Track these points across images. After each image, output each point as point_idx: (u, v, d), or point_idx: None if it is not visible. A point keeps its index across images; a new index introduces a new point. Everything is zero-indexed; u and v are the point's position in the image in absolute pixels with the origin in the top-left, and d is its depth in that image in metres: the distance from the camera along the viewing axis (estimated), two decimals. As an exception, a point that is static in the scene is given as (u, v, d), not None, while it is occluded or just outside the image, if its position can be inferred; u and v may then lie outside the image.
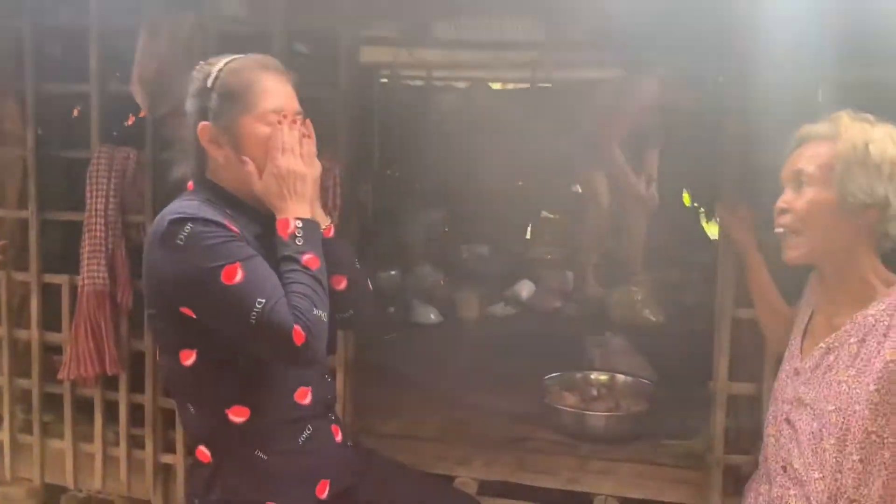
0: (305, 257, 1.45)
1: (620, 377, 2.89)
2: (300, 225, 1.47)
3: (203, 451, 1.52)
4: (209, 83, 1.48)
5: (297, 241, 1.46)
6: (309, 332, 1.36)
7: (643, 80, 4.49)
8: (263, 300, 1.33)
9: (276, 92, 1.50)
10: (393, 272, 4.80)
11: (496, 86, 6.36)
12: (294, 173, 1.48)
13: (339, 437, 1.64)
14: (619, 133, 4.46)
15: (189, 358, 1.45)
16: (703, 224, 6.01)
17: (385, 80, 6.19)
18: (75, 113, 3.40)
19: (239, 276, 1.34)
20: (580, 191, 5.05)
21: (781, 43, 2.12)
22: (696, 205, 6.00)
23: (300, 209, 1.49)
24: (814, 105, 2.08)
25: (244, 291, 1.34)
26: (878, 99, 1.71)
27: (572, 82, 6.32)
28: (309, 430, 1.56)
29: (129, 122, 3.74)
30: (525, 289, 4.70)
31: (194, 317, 1.42)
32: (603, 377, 2.91)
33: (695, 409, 2.82)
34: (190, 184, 1.57)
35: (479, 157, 6.10)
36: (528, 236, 6.29)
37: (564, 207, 6.20)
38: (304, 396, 1.55)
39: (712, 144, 5.28)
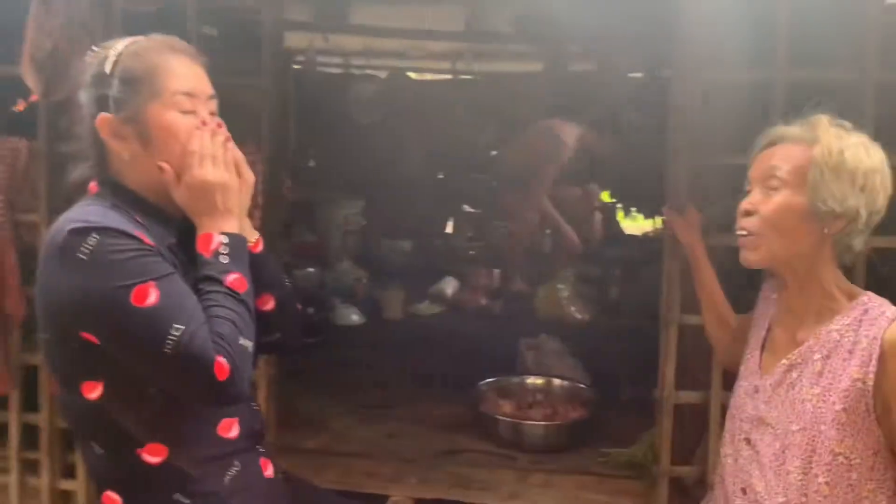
0: (230, 278, 1.26)
1: (557, 382, 2.80)
2: (225, 241, 1.28)
3: (112, 497, 1.32)
4: (107, 68, 1.29)
5: (220, 259, 1.27)
6: (234, 364, 1.19)
7: (562, 133, 4.48)
8: (181, 327, 1.16)
9: (186, 74, 1.32)
10: (310, 269, 4.57)
11: (416, 76, 6.19)
12: (215, 185, 1.29)
13: (268, 472, 1.46)
14: (548, 184, 4.46)
15: (94, 390, 1.24)
16: (620, 219, 6.05)
17: (299, 67, 5.91)
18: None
19: (152, 298, 1.16)
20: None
21: (729, 39, 2.06)
22: (614, 200, 6.02)
23: (225, 223, 1.30)
24: (763, 105, 2.02)
25: (158, 316, 1.16)
26: (824, 101, 1.65)
27: (494, 74, 6.24)
28: (236, 466, 1.37)
29: (19, 108, 3.39)
30: (450, 286, 4.56)
31: (98, 343, 1.21)
32: (539, 382, 2.81)
33: (631, 414, 2.77)
34: (92, 185, 1.35)
35: (399, 148, 5.95)
36: (449, 230, 6.16)
37: (486, 201, 6.12)
38: (230, 429, 1.37)
39: (630, 141, 5.42)
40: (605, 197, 6.00)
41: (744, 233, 1.46)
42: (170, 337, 1.15)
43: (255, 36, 2.44)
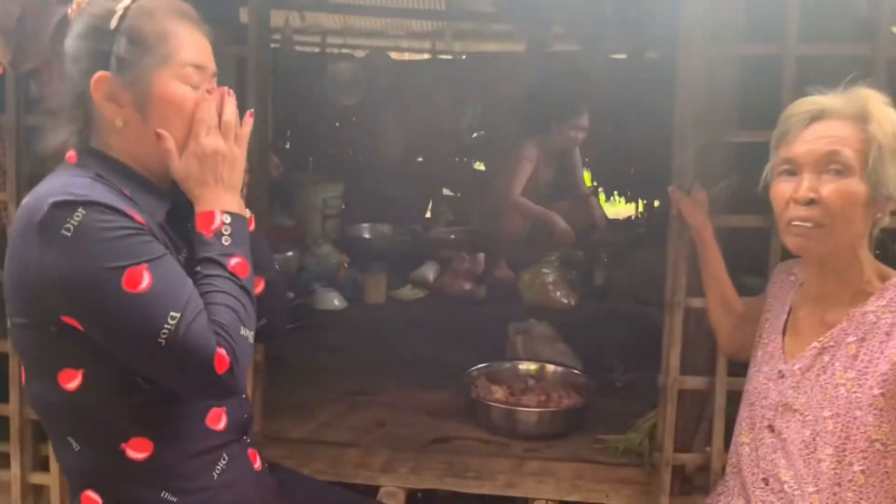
0: (233, 261, 1.16)
1: (550, 367, 2.73)
2: (227, 220, 1.18)
3: (91, 497, 1.20)
4: (113, 23, 1.15)
5: (223, 241, 1.16)
6: (234, 356, 1.09)
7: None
8: (178, 314, 1.06)
9: (196, 45, 1.21)
10: (290, 253, 4.45)
11: (395, 55, 6.06)
12: (224, 156, 1.19)
13: (257, 464, 1.37)
14: (521, 184, 4.35)
15: (72, 380, 1.13)
16: (603, 203, 5.99)
17: (276, 46, 5.74)
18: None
19: (145, 282, 1.05)
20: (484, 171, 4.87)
21: (735, 12, 1.98)
22: (595, 184, 5.97)
23: (228, 200, 1.20)
24: (770, 80, 1.95)
25: (152, 302, 1.06)
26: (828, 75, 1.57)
27: (476, 54, 6.13)
28: (224, 459, 1.27)
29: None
30: (431, 270, 4.47)
31: (81, 329, 1.09)
32: (531, 367, 2.74)
33: (624, 399, 2.72)
34: (70, 153, 1.21)
35: (378, 130, 5.83)
36: (428, 215, 6.06)
37: (466, 184, 6.03)
38: (218, 420, 1.26)
39: (614, 124, 5.35)
40: (587, 180, 5.95)
41: (807, 224, 1.33)
42: (166, 326, 1.05)
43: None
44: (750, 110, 2.09)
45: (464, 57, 6.03)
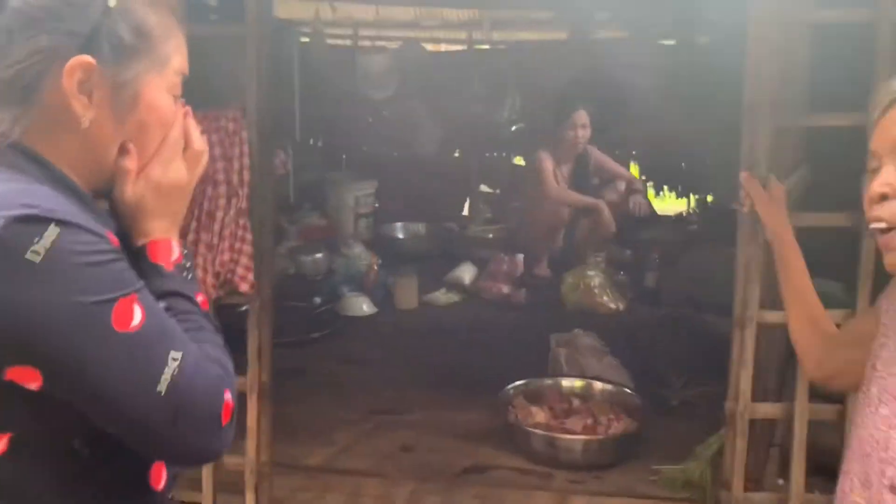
0: (199, 298, 0.96)
1: (597, 385, 2.44)
2: (185, 251, 0.97)
3: None
4: (111, 2, 0.90)
5: (185, 275, 0.94)
6: (234, 402, 0.89)
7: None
8: (179, 354, 0.84)
9: (183, 51, 0.99)
10: (318, 255, 4.23)
11: (430, 47, 5.79)
12: (183, 189, 0.96)
13: None
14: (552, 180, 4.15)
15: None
16: (652, 199, 5.65)
17: (306, 40, 5.53)
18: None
19: (137, 318, 0.82)
20: (526, 172, 4.60)
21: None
22: (643, 178, 5.62)
23: (176, 231, 0.97)
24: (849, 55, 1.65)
25: (149, 342, 0.83)
26: None
27: (514, 44, 5.83)
28: None
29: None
30: (467, 273, 4.20)
31: (32, 386, 0.83)
32: (576, 385, 2.45)
33: (682, 422, 2.43)
34: None
35: (412, 124, 5.58)
36: (465, 213, 5.79)
37: (505, 180, 5.75)
38: (160, 477, 1.00)
39: (663, 114, 5.02)
40: (634, 173, 5.61)
41: (881, 225, 1.04)
42: (166, 369, 0.83)
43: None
44: (823, 90, 1.79)
45: (502, 47, 5.73)
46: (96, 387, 0.83)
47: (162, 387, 0.82)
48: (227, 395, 0.87)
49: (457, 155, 5.84)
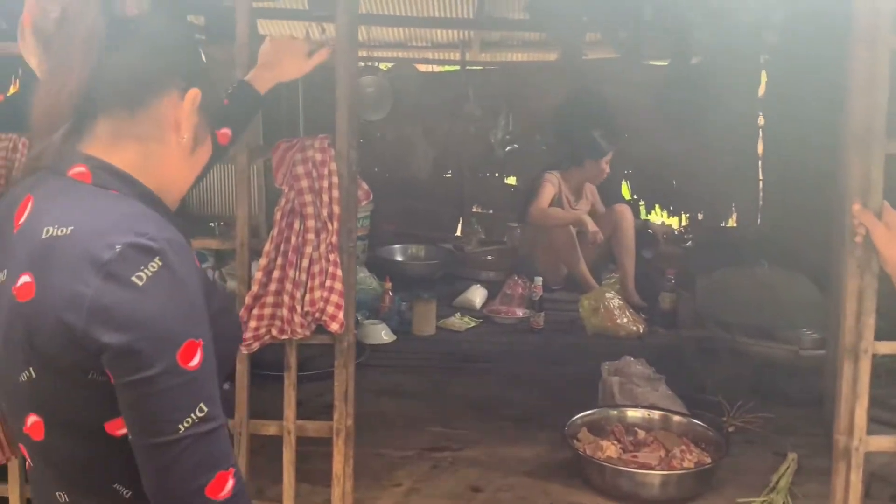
0: None
1: (666, 415, 2.38)
2: None
3: None
4: (202, 55, 1.10)
5: None
6: (240, 489, 0.94)
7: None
8: (206, 410, 0.91)
9: None
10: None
11: (422, 67, 5.73)
12: None
13: None
14: (546, 202, 4.16)
15: (121, 427, 0.95)
16: (643, 216, 5.68)
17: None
18: None
19: (196, 360, 0.91)
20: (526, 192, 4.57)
21: None
22: (635, 197, 5.66)
23: None
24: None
25: (191, 386, 0.91)
26: None
27: (506, 64, 5.81)
28: None
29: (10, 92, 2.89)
30: (478, 295, 4.14)
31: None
32: (639, 414, 2.39)
33: (741, 445, 2.40)
34: (80, 169, 0.97)
35: (405, 145, 5.51)
36: (458, 233, 5.73)
37: (497, 200, 5.71)
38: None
39: (653, 133, 5.06)
40: (625, 192, 5.63)
41: None
42: (189, 417, 0.90)
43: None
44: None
45: (493, 67, 5.71)
46: (138, 400, 0.90)
47: (182, 427, 0.89)
48: (232, 472, 0.92)
49: (449, 175, 5.77)
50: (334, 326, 1.69)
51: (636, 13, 4.74)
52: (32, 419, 0.99)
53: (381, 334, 3.54)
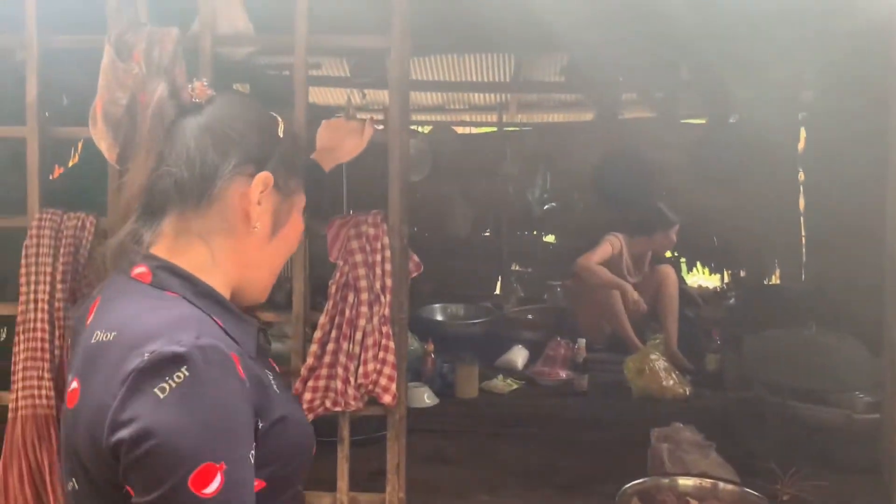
0: None
1: (718, 484, 2.33)
2: None
3: None
4: (280, 131, 1.06)
5: None
6: None
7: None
8: None
9: None
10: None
11: (459, 129, 5.85)
12: None
13: None
14: (599, 258, 4.16)
15: None
16: (684, 275, 5.64)
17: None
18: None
19: (214, 486, 0.84)
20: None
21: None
22: (676, 254, 5.63)
23: None
24: None
25: None
26: None
27: (542, 125, 5.91)
28: None
29: (54, 176, 3.01)
30: (520, 357, 4.13)
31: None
32: (690, 483, 2.35)
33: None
34: (141, 269, 0.96)
35: (444, 205, 5.59)
36: (498, 292, 5.74)
37: (537, 259, 5.74)
38: None
39: (693, 191, 5.06)
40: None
41: None
42: None
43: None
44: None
45: (529, 128, 5.80)
46: None
47: None
48: None
49: (487, 234, 5.82)
50: (387, 399, 1.71)
51: (672, 72, 4.82)
52: None
53: (424, 397, 3.54)
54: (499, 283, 5.81)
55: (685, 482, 2.34)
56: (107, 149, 1.73)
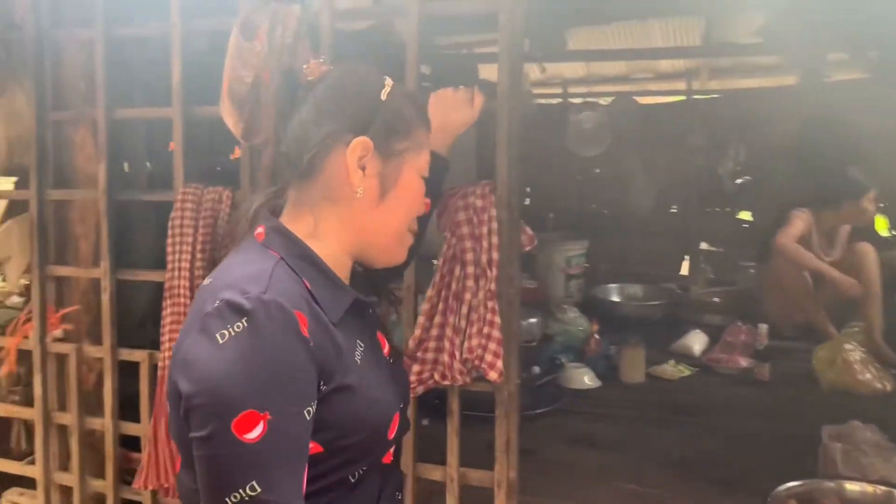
0: None
1: (893, 492, 2.02)
2: None
3: None
4: (384, 95, 1.06)
5: None
6: None
7: None
8: (259, 489, 0.87)
9: (429, 141, 1.13)
10: (533, 320, 4.06)
11: (643, 100, 5.55)
12: None
13: None
14: (796, 234, 3.71)
15: None
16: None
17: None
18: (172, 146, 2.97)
19: (255, 433, 0.87)
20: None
21: None
22: (894, 232, 4.96)
23: None
24: None
25: (246, 459, 0.87)
26: None
27: (736, 92, 5.45)
28: None
29: (235, 156, 3.23)
30: (697, 342, 3.85)
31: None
32: (858, 488, 2.05)
33: None
34: (260, 230, 1.04)
35: (625, 180, 5.35)
36: (684, 272, 5.41)
37: (729, 237, 5.32)
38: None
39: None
40: (881, 227, 4.95)
41: None
42: (235, 494, 0.87)
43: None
44: None
45: (718, 96, 5.37)
46: (196, 460, 0.90)
47: (228, 501, 0.86)
48: None
49: (674, 210, 5.50)
50: (493, 375, 1.66)
51: (888, 28, 4.22)
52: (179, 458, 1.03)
53: (584, 379, 3.42)
54: (685, 264, 5.47)
55: (852, 487, 2.05)
56: (233, 125, 1.82)
